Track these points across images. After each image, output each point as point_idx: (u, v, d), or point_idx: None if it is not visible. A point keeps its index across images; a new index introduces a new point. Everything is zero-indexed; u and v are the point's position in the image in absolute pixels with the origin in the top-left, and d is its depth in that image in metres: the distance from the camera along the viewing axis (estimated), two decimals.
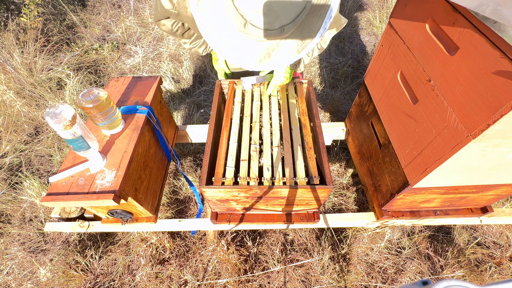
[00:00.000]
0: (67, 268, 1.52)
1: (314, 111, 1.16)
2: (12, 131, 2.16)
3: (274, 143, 1.09)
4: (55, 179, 0.92)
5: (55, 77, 2.48)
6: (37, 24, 2.68)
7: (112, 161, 0.96)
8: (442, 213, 1.23)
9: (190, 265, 1.53)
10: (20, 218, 1.76)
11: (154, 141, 1.23)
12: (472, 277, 1.47)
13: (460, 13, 0.75)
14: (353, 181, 1.86)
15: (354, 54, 2.76)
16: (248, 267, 1.50)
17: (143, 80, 1.29)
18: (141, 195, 1.08)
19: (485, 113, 0.69)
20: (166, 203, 1.78)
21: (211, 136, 1.09)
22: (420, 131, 0.94)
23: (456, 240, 1.59)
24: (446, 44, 0.82)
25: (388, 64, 1.12)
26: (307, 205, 1.07)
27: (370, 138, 1.31)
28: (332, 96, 2.37)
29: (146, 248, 1.56)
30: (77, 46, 2.81)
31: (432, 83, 0.87)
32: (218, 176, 0.98)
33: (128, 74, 2.73)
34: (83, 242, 1.64)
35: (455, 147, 0.79)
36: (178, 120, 2.27)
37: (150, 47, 2.97)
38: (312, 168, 1.00)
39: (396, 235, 1.61)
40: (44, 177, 1.94)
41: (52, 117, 0.79)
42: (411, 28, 0.96)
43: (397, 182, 1.08)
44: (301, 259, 1.53)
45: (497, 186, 1.03)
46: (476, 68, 0.71)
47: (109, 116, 0.98)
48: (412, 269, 1.49)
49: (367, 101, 1.33)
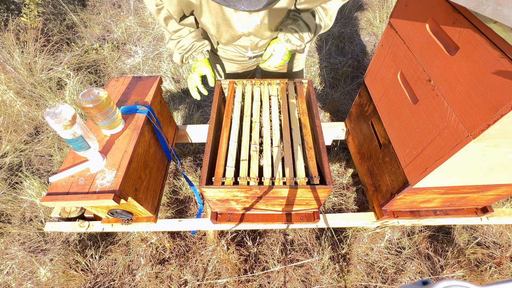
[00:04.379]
0: (67, 268, 1.52)
1: (314, 111, 1.16)
2: (12, 131, 2.16)
3: (274, 143, 1.09)
4: (55, 179, 0.92)
5: (55, 77, 2.48)
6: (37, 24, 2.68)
7: (112, 161, 0.96)
8: (442, 213, 1.23)
9: (190, 265, 1.53)
10: (20, 218, 1.76)
11: (154, 141, 1.23)
12: (472, 277, 1.47)
13: (460, 13, 0.75)
14: (353, 181, 1.86)
15: (354, 54, 2.76)
16: (248, 267, 1.50)
17: (143, 80, 1.29)
18: (141, 195, 1.08)
19: (485, 113, 0.69)
20: (166, 203, 1.78)
21: (211, 136, 1.09)
22: (420, 131, 0.94)
23: (456, 240, 1.59)
24: (446, 44, 0.82)
25: (388, 64, 1.12)
26: (307, 205, 1.07)
27: (370, 138, 1.31)
28: (332, 96, 2.37)
29: (146, 248, 1.56)
30: (77, 46, 2.81)
31: (432, 83, 0.87)
32: (218, 176, 0.98)
33: (128, 74, 2.73)
34: (83, 242, 1.64)
35: (455, 147, 0.79)
36: (178, 120, 2.27)
37: (150, 47, 2.97)
38: (312, 168, 1.00)
39: (396, 235, 1.61)
40: (44, 177, 1.94)
41: (52, 117, 0.79)
42: (411, 28, 0.96)
43: (397, 182, 1.08)
44: (301, 259, 1.53)
45: (497, 186, 1.03)
46: (476, 68, 0.71)
47: (109, 116, 0.98)
48: (412, 269, 1.49)
49: (367, 101, 1.33)
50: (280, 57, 1.16)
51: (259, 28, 1.05)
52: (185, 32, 1.12)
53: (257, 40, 1.16)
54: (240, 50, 1.23)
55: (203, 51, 1.18)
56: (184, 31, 1.12)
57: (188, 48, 1.15)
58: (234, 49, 1.24)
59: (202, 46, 1.16)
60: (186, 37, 1.12)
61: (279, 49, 1.14)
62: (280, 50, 1.14)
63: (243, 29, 1.05)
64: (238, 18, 1.00)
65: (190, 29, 1.12)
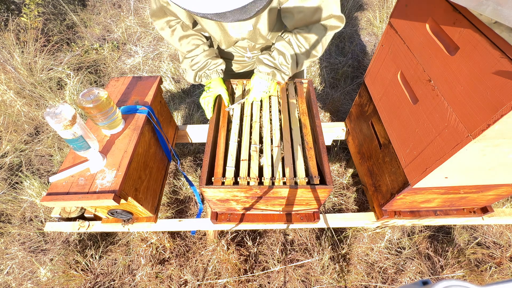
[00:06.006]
0: (67, 268, 1.52)
1: (314, 111, 1.16)
2: (12, 131, 2.16)
3: (274, 143, 1.09)
4: (55, 179, 0.92)
5: (55, 77, 2.48)
6: (37, 24, 2.68)
7: (112, 161, 0.96)
8: (442, 213, 1.23)
9: (190, 265, 1.53)
10: (20, 218, 1.76)
11: (154, 141, 1.23)
12: (472, 277, 1.47)
13: (460, 13, 0.75)
14: (353, 181, 1.86)
15: (354, 54, 2.76)
16: (248, 267, 1.50)
17: (143, 80, 1.29)
18: (141, 195, 1.08)
19: (485, 113, 0.69)
20: (166, 203, 1.78)
21: (211, 136, 1.09)
22: (420, 131, 0.94)
23: (456, 240, 1.59)
24: (446, 44, 0.82)
25: (388, 64, 1.12)
26: (307, 205, 1.07)
27: (370, 138, 1.31)
28: (332, 96, 2.37)
29: (146, 248, 1.56)
30: (77, 46, 2.81)
31: (432, 83, 0.87)
32: (218, 176, 0.98)
33: (128, 74, 2.73)
34: (83, 242, 1.64)
35: (455, 147, 0.79)
36: (178, 120, 2.28)
37: (150, 47, 2.97)
38: (312, 168, 1.00)
39: (396, 235, 1.61)
40: (44, 177, 1.94)
41: (52, 117, 0.79)
42: (411, 28, 0.96)
43: (397, 182, 1.08)
44: (301, 259, 1.53)
45: (497, 186, 1.03)
46: (476, 68, 0.71)
47: (109, 116, 0.98)
48: (412, 269, 1.49)
49: (367, 101, 1.33)
50: (259, 90, 1.15)
51: (253, 34, 1.05)
52: (199, 51, 1.12)
53: (254, 43, 1.16)
54: (240, 51, 1.24)
55: (217, 70, 1.15)
56: (198, 50, 1.12)
57: (202, 66, 1.13)
58: (233, 49, 1.24)
59: (216, 64, 1.14)
60: (200, 55, 1.12)
61: (254, 82, 1.15)
62: (256, 83, 1.14)
63: (236, 35, 1.06)
64: (231, 25, 1.01)
65: (204, 47, 1.12)
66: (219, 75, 1.17)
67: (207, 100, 1.18)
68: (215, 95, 1.19)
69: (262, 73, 1.09)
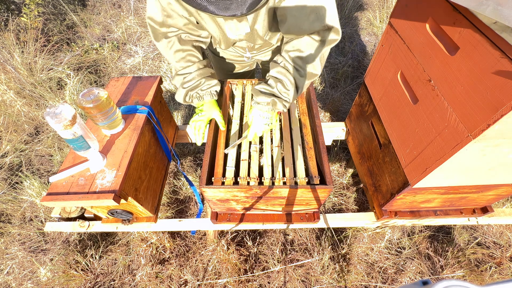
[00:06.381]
0: (67, 268, 1.52)
1: (314, 111, 1.16)
2: (12, 131, 2.16)
3: (274, 143, 1.09)
4: (55, 179, 0.92)
5: (55, 77, 2.48)
6: (37, 24, 2.68)
7: (112, 161, 0.96)
8: (442, 213, 1.23)
9: (190, 265, 1.53)
10: (20, 218, 1.76)
11: (154, 141, 1.23)
12: (472, 277, 1.47)
13: (460, 13, 0.75)
14: (353, 181, 1.86)
15: (354, 54, 2.76)
16: (248, 267, 1.50)
17: (143, 80, 1.29)
18: (141, 195, 1.08)
19: (485, 113, 0.69)
20: (166, 203, 1.78)
21: (211, 136, 1.09)
22: (420, 131, 0.94)
23: (456, 240, 1.59)
24: (446, 44, 0.82)
25: (388, 64, 1.12)
26: (307, 205, 1.07)
27: (370, 138, 1.31)
28: (332, 96, 2.37)
29: (146, 248, 1.56)
30: (77, 46, 2.81)
31: (432, 83, 0.87)
32: (218, 176, 0.98)
33: (128, 74, 2.73)
34: (83, 242, 1.64)
35: (455, 147, 0.79)
36: (178, 120, 2.28)
37: (150, 47, 2.97)
38: (312, 168, 1.00)
39: (396, 235, 1.61)
40: (44, 177, 1.94)
41: (52, 117, 0.79)
42: (411, 28, 0.96)
43: (397, 182, 1.08)
44: (301, 259, 1.53)
45: (497, 186, 1.03)
46: (476, 68, 0.71)
47: (109, 116, 0.98)
48: (412, 269, 1.49)
49: (367, 101, 1.33)
50: (259, 123, 1.00)
51: (250, 35, 1.01)
52: (193, 69, 1.03)
53: (253, 43, 1.15)
54: (239, 51, 1.23)
55: (211, 92, 1.06)
56: (192, 68, 1.03)
57: (195, 85, 1.04)
58: (233, 50, 1.24)
59: (210, 85, 1.06)
60: (194, 73, 1.03)
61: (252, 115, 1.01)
62: (256, 115, 1.00)
63: (234, 36, 1.01)
64: (228, 26, 0.97)
65: (199, 65, 1.04)
66: (213, 97, 1.07)
67: (199, 124, 1.08)
68: (208, 119, 1.09)
69: (261, 104, 0.96)
